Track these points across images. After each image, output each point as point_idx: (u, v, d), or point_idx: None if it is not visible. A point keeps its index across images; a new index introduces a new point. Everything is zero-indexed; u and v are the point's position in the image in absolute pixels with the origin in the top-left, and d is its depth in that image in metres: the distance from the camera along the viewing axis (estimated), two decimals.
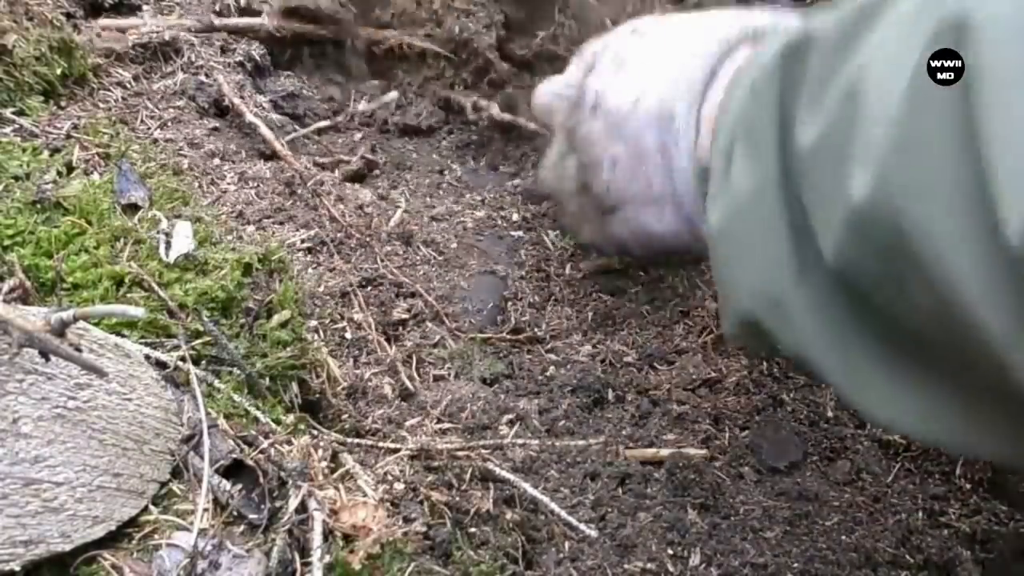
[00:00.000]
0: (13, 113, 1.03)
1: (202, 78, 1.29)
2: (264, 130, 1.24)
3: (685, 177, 0.82)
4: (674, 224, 0.87)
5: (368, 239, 1.16)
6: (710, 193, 0.72)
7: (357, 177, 1.34)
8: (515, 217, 1.34)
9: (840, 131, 0.55)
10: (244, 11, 1.43)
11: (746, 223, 0.66)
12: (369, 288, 1.12)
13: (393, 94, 1.47)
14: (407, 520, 0.73)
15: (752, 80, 0.67)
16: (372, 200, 1.26)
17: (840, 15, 0.60)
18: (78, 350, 0.65)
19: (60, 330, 0.64)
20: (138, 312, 0.64)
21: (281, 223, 1.13)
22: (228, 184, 1.15)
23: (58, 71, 1.10)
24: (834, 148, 0.55)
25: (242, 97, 1.30)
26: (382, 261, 1.15)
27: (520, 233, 1.32)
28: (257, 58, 1.38)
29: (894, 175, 0.49)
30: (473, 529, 0.78)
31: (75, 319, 0.64)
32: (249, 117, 1.24)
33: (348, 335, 1.03)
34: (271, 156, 1.24)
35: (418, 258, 1.21)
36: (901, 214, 0.49)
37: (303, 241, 1.12)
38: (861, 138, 0.52)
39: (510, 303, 1.17)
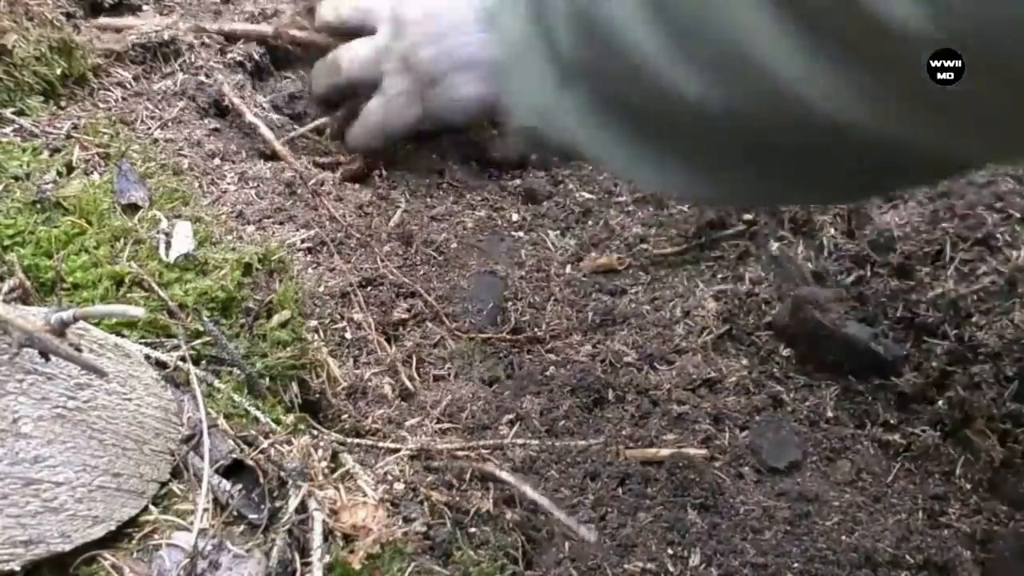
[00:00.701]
0: (13, 113, 1.03)
1: (202, 78, 1.28)
2: (264, 130, 1.23)
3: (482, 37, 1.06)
4: (482, 87, 1.12)
5: (368, 239, 1.16)
6: (489, 37, 0.91)
7: (357, 177, 1.34)
8: (515, 217, 1.34)
9: None
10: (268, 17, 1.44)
11: (516, 54, 0.83)
12: (369, 288, 1.12)
13: None
14: (407, 520, 0.73)
15: None
16: (372, 200, 1.26)
17: None
18: (78, 350, 0.65)
19: (60, 330, 0.64)
20: (138, 312, 0.64)
21: (281, 223, 1.13)
22: (228, 184, 1.15)
23: (58, 71, 1.10)
24: None
25: (242, 97, 1.30)
26: (382, 261, 1.15)
27: (520, 233, 1.32)
28: (257, 58, 1.38)
29: None
30: (473, 529, 0.78)
31: (75, 319, 0.64)
32: (249, 117, 1.24)
33: (348, 335, 1.03)
34: (271, 156, 1.24)
35: (418, 258, 1.21)
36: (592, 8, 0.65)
37: (303, 241, 1.12)
38: None
39: (510, 303, 1.17)
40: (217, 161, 1.19)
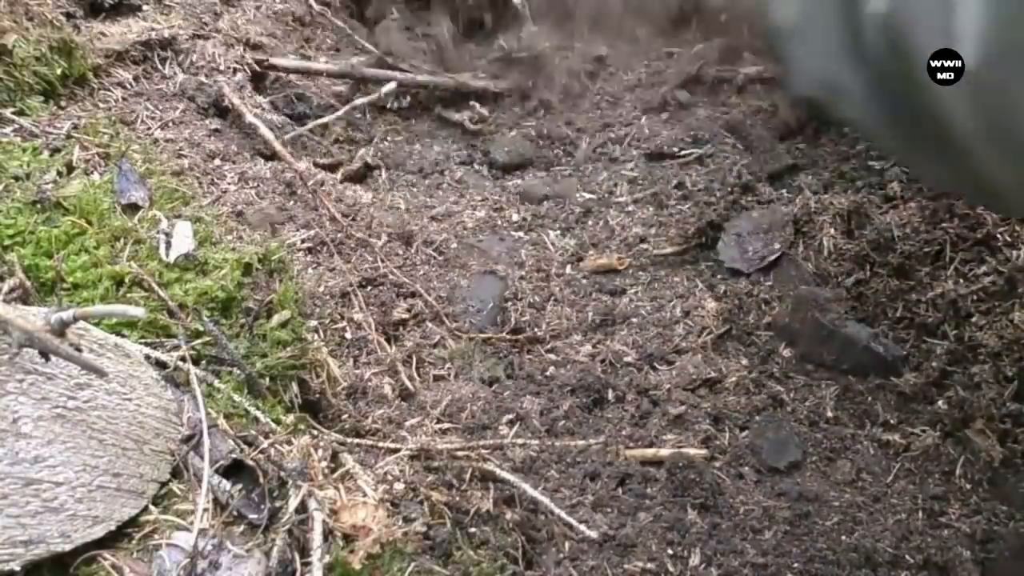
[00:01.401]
0: (13, 113, 1.03)
1: (202, 79, 1.29)
2: (264, 131, 1.23)
3: None
4: None
5: (368, 239, 1.16)
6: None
7: (357, 177, 1.34)
8: (515, 217, 1.34)
9: None
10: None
11: (808, 22, 0.82)
12: (369, 288, 1.12)
13: (391, 85, 1.48)
14: (407, 520, 0.73)
15: None
16: (372, 200, 1.26)
17: None
18: (78, 350, 0.65)
19: (60, 330, 0.64)
20: (138, 312, 0.64)
21: (281, 223, 1.13)
22: (228, 184, 1.15)
23: (58, 71, 1.10)
24: None
25: (242, 98, 1.30)
26: (382, 261, 1.15)
27: (520, 233, 1.32)
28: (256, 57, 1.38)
29: None
30: (473, 529, 0.78)
31: (75, 319, 0.64)
32: (249, 118, 1.24)
33: (348, 335, 1.03)
34: (271, 156, 1.24)
35: (418, 258, 1.21)
36: (901, 16, 0.65)
37: (303, 241, 1.12)
38: None
39: (510, 303, 1.17)
40: (217, 161, 1.19)
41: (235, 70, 1.34)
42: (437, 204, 1.34)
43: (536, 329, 1.13)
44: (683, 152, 1.43)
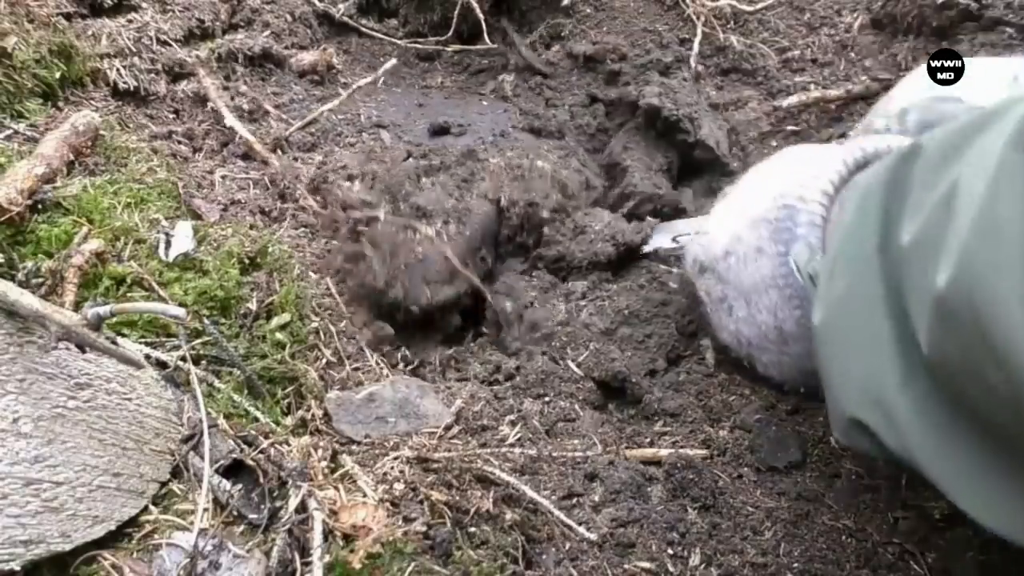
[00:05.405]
0: (12, 115, 1.03)
1: (199, 79, 1.29)
2: (245, 133, 1.24)
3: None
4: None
5: (365, 238, 1.16)
6: (817, 296, 0.74)
7: (351, 175, 1.34)
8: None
9: (935, 227, 0.57)
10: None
11: (849, 322, 0.68)
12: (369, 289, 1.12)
13: (392, 61, 1.50)
14: (407, 520, 0.73)
15: (861, 192, 0.69)
16: (369, 199, 1.26)
17: (946, 130, 0.62)
18: (114, 343, 0.66)
19: (97, 324, 0.64)
20: (179, 312, 0.64)
21: (279, 222, 1.13)
22: (225, 183, 1.15)
23: (57, 75, 1.11)
24: (928, 244, 0.57)
25: (233, 98, 1.30)
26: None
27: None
28: (252, 56, 1.38)
29: (971, 258, 0.51)
30: (473, 529, 0.78)
31: (112, 314, 0.65)
32: (230, 120, 1.25)
33: (348, 335, 1.03)
34: (265, 156, 1.23)
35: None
36: (975, 293, 0.50)
37: (300, 240, 1.12)
38: (951, 231, 0.54)
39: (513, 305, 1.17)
40: (213, 161, 1.19)
41: (232, 68, 1.35)
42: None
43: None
44: None
